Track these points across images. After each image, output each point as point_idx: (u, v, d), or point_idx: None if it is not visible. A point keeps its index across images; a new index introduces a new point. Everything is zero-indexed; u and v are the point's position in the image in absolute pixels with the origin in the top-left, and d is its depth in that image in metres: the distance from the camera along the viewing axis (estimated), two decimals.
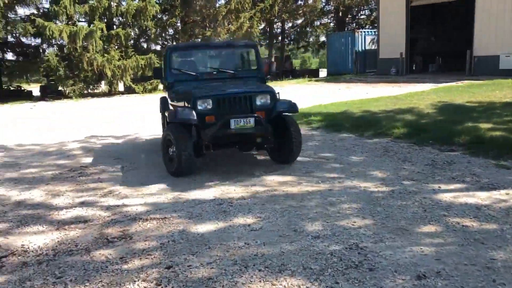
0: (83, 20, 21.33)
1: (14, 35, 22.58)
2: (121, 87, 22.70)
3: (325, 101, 14.45)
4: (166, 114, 6.70)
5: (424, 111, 10.50)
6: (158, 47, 24.16)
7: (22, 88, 25.92)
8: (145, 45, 24.36)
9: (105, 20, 21.13)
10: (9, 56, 25.32)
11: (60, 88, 20.05)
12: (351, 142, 7.83)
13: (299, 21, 33.08)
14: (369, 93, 16.32)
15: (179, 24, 24.22)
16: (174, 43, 25.03)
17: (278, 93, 6.26)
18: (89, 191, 5.46)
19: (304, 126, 9.80)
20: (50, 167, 6.90)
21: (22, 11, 26.66)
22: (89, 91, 20.86)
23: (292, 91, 18.73)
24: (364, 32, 27.53)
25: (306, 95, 16.20)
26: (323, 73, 35.11)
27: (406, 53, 23.30)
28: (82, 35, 18.40)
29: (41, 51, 22.96)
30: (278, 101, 6.10)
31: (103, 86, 21.41)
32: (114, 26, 21.25)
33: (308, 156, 6.81)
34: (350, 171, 5.84)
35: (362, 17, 36.01)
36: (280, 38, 32.72)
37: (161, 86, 22.11)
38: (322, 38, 35.63)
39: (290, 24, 33.31)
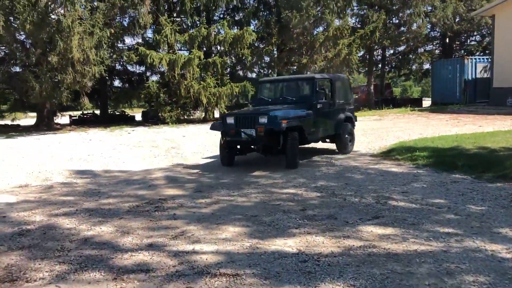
0: (184, 49, 21.99)
1: (121, 63, 23.95)
2: (216, 114, 22.92)
3: (430, 133, 13.00)
4: None
5: None
6: (254, 75, 24.19)
7: (126, 113, 27.42)
8: (241, 73, 24.50)
9: (204, 48, 21.59)
10: (116, 83, 27.02)
11: (159, 113, 20.67)
12: (467, 186, 6.54)
13: (401, 48, 31.42)
14: (482, 126, 14.47)
15: (275, 51, 24.05)
16: (270, 71, 24.91)
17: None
18: (161, 230, 4.91)
19: (408, 163, 8.61)
20: (129, 197, 6.56)
21: (129, 40, 28.62)
22: (186, 117, 21.25)
23: (392, 121, 17.34)
24: (475, 59, 25.18)
25: (408, 126, 14.80)
26: (426, 102, 32.83)
27: None
28: (180, 63, 18.82)
29: (144, 78, 24.05)
30: (273, 120, 8.11)
31: (198, 113, 21.74)
32: (212, 54, 21.59)
33: (414, 202, 5.71)
34: (469, 226, 4.66)
35: (472, 43, 33.24)
36: (380, 65, 31.26)
37: None
38: (426, 66, 33.49)
39: (391, 51, 31.78)
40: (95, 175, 8.58)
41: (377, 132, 14.06)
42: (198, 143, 12.98)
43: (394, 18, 29.05)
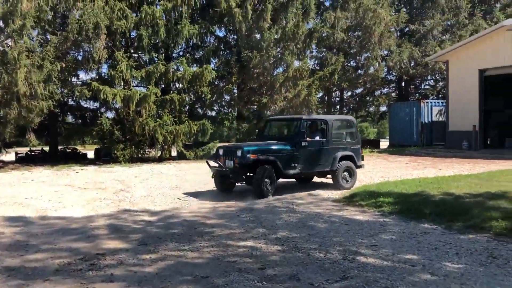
0: (142, 85, 21.23)
1: (73, 98, 22.84)
2: (174, 153, 22.06)
3: (392, 177, 12.73)
4: None
5: None
6: (214, 113, 23.63)
7: (78, 151, 26.02)
8: (200, 111, 23.91)
9: (162, 85, 20.96)
10: (70, 118, 25.72)
11: (112, 152, 19.59)
12: (439, 237, 6.07)
13: (359, 90, 31.94)
14: (442, 170, 14.41)
15: (235, 90, 23.70)
16: (230, 109, 24.46)
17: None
18: None
19: (373, 209, 8.13)
20: (62, 252, 5.66)
21: (83, 75, 27.41)
22: (140, 155, 20.25)
23: None
24: (431, 102, 25.82)
25: (368, 169, 14.51)
26: (383, 143, 33.25)
27: (480, 126, 21.22)
28: (136, 99, 18.05)
29: (98, 114, 22.97)
30: (243, 154, 9.43)
31: (154, 151, 20.79)
32: (171, 92, 20.94)
33: (385, 258, 5.14)
34: None
35: (426, 87, 34.29)
36: (338, 106, 31.56)
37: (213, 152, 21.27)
38: (383, 108, 34.13)
39: (349, 93, 32.21)
40: (28, 222, 7.57)
41: None
42: (150, 185, 12.11)
43: (352, 61, 29.62)
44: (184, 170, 15.97)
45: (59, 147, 26.44)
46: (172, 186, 11.86)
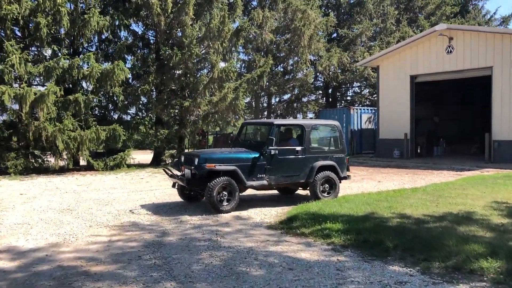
0: (41, 83, 18.08)
1: None
2: (83, 162, 19.09)
3: None
4: None
5: (491, 219, 7.17)
6: (129, 117, 20.86)
7: None
8: (114, 115, 21.12)
9: (68, 84, 18.02)
10: None
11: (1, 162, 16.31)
12: None
13: (287, 96, 30.67)
14: (382, 182, 13.09)
15: (154, 92, 21.19)
16: (148, 113, 21.87)
17: None
18: None
19: (320, 241, 6.32)
20: None
21: None
22: (37, 165, 17.09)
23: None
24: (360, 109, 24.97)
25: None
26: None
27: (412, 134, 20.56)
28: (29, 99, 15.04)
29: None
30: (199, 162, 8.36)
31: (54, 161, 17.67)
32: (78, 91, 18.00)
33: None
34: None
35: (353, 94, 33.85)
36: (266, 112, 30.04)
37: (128, 162, 18.61)
38: (310, 115, 33.14)
39: (277, 99, 30.81)
40: None
41: None
42: (35, 206, 9.45)
43: (280, 66, 28.25)
44: (86, 184, 13.29)
45: None
46: (63, 207, 9.29)
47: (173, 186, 9.39)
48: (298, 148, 9.28)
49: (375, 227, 6.75)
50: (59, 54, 17.39)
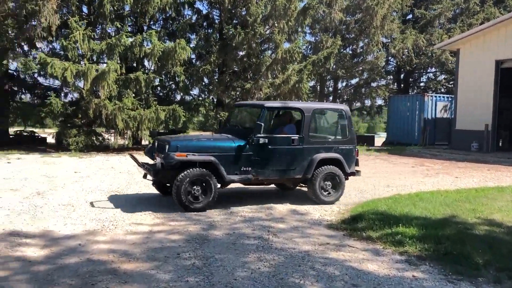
0: (103, 61, 18.03)
1: (29, 73, 19.61)
2: (145, 142, 19.04)
3: (401, 186, 9.93)
4: None
5: None
6: (189, 98, 20.45)
7: (36, 134, 22.88)
8: (178, 96, 20.82)
9: (132, 63, 17.89)
10: (28, 97, 22.49)
11: (64, 138, 16.48)
12: None
13: (354, 81, 29.09)
14: (460, 178, 11.62)
15: (217, 73, 20.60)
16: (209, 95, 21.34)
17: None
18: None
19: (391, 248, 5.30)
20: None
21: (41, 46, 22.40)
22: (98, 143, 17.16)
23: None
24: (435, 97, 22.98)
25: (368, 173, 11.64)
26: (377, 140, 30.46)
27: (494, 125, 18.49)
28: (91, 76, 14.94)
29: (56, 94, 19.77)
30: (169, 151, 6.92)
31: (113, 140, 17.68)
32: (139, 70, 17.78)
33: None
34: None
35: (427, 80, 31.49)
36: (331, 97, 28.68)
37: None
38: (379, 101, 31.31)
39: (344, 83, 29.31)
40: None
41: None
42: (86, 186, 9.11)
43: (349, 48, 26.71)
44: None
45: (15, 130, 23.39)
46: (112, 189, 8.88)
47: (144, 177, 7.98)
48: (294, 137, 7.70)
49: (458, 235, 5.60)
50: (122, 31, 17.21)
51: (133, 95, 16.84)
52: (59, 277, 4.17)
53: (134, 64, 18.31)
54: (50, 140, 19.78)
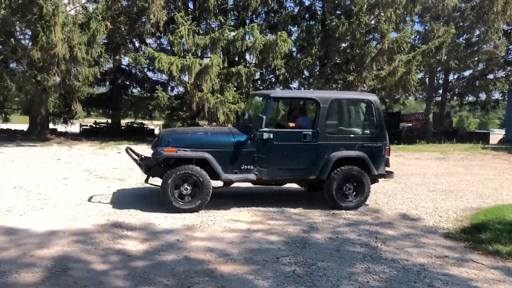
0: (206, 55, 18.43)
1: (139, 68, 20.78)
2: None
3: None
4: None
5: None
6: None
7: (145, 126, 24.27)
8: (278, 88, 20.67)
9: (234, 56, 18.07)
10: (137, 91, 23.92)
11: None
12: None
13: (468, 72, 26.68)
14: None
15: (318, 65, 20.06)
16: (309, 87, 20.88)
17: None
18: None
19: None
20: None
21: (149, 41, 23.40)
22: None
23: (461, 164, 12.86)
24: None
25: (487, 175, 10.38)
26: (493, 137, 27.67)
27: None
28: (195, 70, 15.27)
29: (163, 87, 20.69)
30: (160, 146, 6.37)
31: None
32: (241, 63, 17.89)
33: None
34: None
35: None
36: (441, 90, 26.61)
37: None
38: (496, 95, 28.41)
39: (455, 76, 27.03)
40: None
41: (443, 181, 9.81)
42: None
43: (462, 37, 24.48)
44: None
45: (127, 121, 25.05)
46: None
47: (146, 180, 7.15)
48: (306, 132, 6.65)
49: None
50: (224, 26, 17.40)
51: (234, 88, 16.98)
52: (156, 276, 4.04)
53: (236, 58, 18.47)
54: (158, 131, 20.77)
